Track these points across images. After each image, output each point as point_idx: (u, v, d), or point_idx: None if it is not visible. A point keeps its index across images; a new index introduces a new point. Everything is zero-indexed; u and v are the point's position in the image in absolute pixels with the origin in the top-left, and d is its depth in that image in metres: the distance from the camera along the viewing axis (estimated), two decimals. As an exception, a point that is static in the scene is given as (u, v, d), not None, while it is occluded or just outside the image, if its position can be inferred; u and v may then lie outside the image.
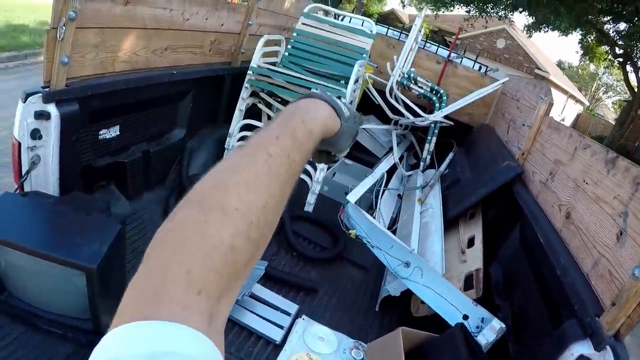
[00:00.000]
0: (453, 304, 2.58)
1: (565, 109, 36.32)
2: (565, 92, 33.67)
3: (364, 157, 5.10)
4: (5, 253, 2.00)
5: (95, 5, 2.41)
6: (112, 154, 2.99)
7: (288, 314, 2.64)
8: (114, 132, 2.92)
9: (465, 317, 2.52)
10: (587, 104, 47.44)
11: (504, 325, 2.39)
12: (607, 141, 19.83)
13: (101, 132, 2.83)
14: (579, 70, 54.11)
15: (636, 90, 18.93)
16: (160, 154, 3.41)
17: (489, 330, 2.39)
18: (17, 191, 2.32)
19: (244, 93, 3.78)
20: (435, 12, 20.82)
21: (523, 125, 3.76)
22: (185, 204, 0.56)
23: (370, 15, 33.30)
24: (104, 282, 1.98)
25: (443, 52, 6.14)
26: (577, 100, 39.84)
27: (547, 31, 18.50)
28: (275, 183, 0.62)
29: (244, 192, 0.57)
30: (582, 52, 22.21)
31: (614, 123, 24.99)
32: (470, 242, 3.23)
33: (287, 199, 0.65)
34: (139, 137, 3.24)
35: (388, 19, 33.95)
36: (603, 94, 55.88)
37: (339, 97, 0.99)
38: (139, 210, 3.16)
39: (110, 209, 2.40)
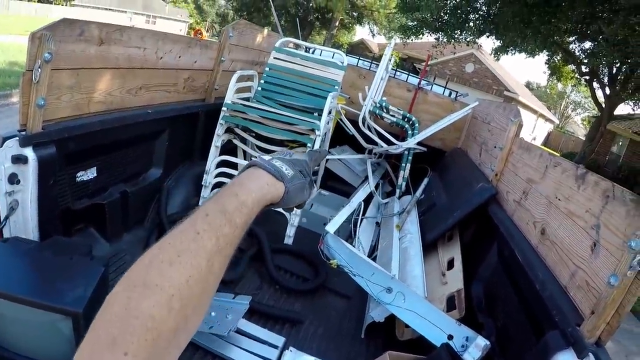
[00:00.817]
0: (437, 325, 2.60)
1: (536, 128, 37.06)
2: (534, 111, 34.41)
3: (340, 187, 5.15)
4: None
5: (70, 47, 2.42)
6: (90, 196, 2.97)
7: (275, 346, 2.64)
8: (91, 173, 2.92)
9: (450, 337, 2.55)
10: (557, 122, 48.42)
11: (488, 342, 2.42)
12: (578, 157, 20.28)
13: (79, 174, 2.82)
14: (548, 90, 55.39)
15: (604, 106, 19.39)
16: (138, 194, 3.40)
17: (474, 348, 2.42)
18: (-4, 238, 2.30)
19: (219, 129, 3.81)
20: (404, 40, 21.15)
21: (495, 147, 3.84)
22: (119, 282, 0.62)
23: (340, 46, 33.82)
24: (89, 325, 1.96)
25: (413, 79, 6.27)
26: (547, 119, 40.69)
27: (515, 53, 18.87)
28: (202, 258, 0.65)
29: (167, 268, 0.62)
30: (549, 72, 22.70)
31: (584, 139, 25.51)
32: (450, 264, 3.27)
33: (221, 269, 0.69)
34: (117, 178, 3.24)
35: (358, 48, 34.48)
36: (572, 111, 57.21)
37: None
38: (120, 251, 3.14)
39: (92, 252, 2.39)
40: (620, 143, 21.70)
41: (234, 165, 3.96)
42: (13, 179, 2.25)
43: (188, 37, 3.55)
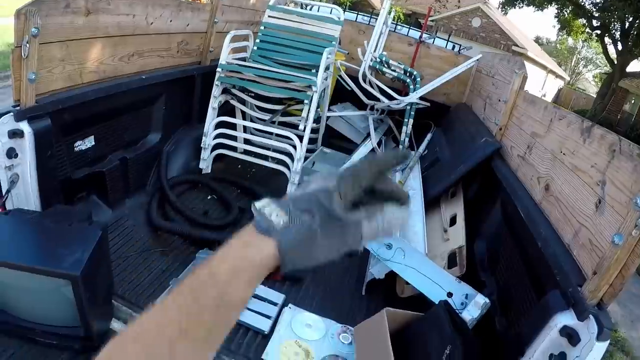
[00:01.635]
0: (437, 283, 2.60)
1: (545, 85, 36.46)
2: (544, 67, 33.78)
3: (342, 145, 5.12)
4: (-4, 273, 2.02)
5: (57, 20, 2.42)
6: (89, 165, 3.00)
7: (275, 304, 2.67)
8: (89, 142, 2.94)
9: (450, 294, 2.55)
10: (568, 78, 47.68)
11: (487, 300, 2.41)
12: (589, 115, 19.96)
13: (76, 144, 2.84)
14: (557, 45, 54.33)
15: (615, 62, 19.00)
16: (137, 160, 3.42)
17: (473, 306, 2.41)
18: (0, 211, 2.32)
19: (215, 91, 3.79)
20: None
21: (499, 100, 3.78)
22: None
23: (342, 4, 33.22)
24: (90, 288, 2.00)
25: (415, 34, 6.16)
26: (558, 76, 40.00)
27: (522, 7, 18.56)
28: (161, 344, 0.59)
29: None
30: (559, 26, 22.23)
31: (595, 96, 25.09)
32: (453, 221, 3.26)
33: (188, 355, 0.60)
34: (115, 145, 3.25)
35: (360, 5, 33.89)
36: (583, 67, 56.15)
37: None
38: (122, 217, 3.17)
39: (92, 218, 2.41)
40: (633, 101, 21.11)
41: (233, 126, 3.94)
42: (11, 153, 2.29)
43: (177, 0, 3.48)
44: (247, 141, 4.22)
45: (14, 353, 2.11)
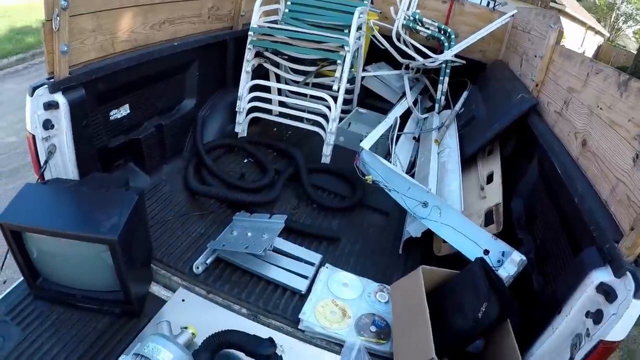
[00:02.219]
0: (473, 240, 2.59)
1: (584, 42, 35.26)
2: (583, 24, 32.56)
3: (378, 104, 5.08)
4: (36, 241, 2.08)
5: (87, -11, 2.45)
6: (125, 133, 3.06)
7: (312, 264, 2.70)
8: (124, 111, 2.99)
9: (486, 252, 2.53)
10: (607, 35, 46.04)
11: (524, 258, 2.40)
12: (630, 71, 19.26)
13: (112, 113, 2.90)
14: (597, 1, 52.43)
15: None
16: (173, 126, 3.46)
17: (510, 263, 2.41)
18: (39, 181, 2.40)
19: (248, 54, 3.78)
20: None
21: (535, 56, 3.68)
22: None
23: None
24: (129, 252, 2.05)
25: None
26: (597, 32, 38.55)
27: (559, -39, 17.78)
28: None
29: None
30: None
31: (635, 53, 24.16)
32: (489, 179, 3.23)
33: None
34: (150, 113, 3.29)
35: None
36: (623, 23, 54.11)
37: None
38: (160, 183, 3.23)
39: (129, 184, 2.46)
40: None
41: (267, 89, 3.94)
42: (47, 125, 2.35)
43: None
44: (281, 104, 4.22)
45: (58, 318, 2.18)
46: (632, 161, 1.87)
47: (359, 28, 4.03)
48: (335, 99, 3.69)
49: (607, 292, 1.65)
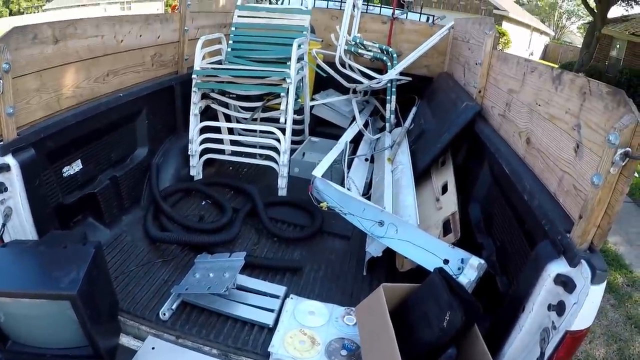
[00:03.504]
0: (431, 252, 2.63)
1: (531, 43, 36.33)
2: (528, 26, 33.75)
3: (330, 131, 5.13)
4: (1, 305, 2.07)
5: (27, 52, 2.48)
6: (80, 188, 3.05)
7: (277, 296, 2.72)
8: (76, 166, 2.99)
9: (446, 261, 2.58)
10: (553, 33, 47.49)
11: (482, 261, 2.45)
12: (577, 65, 19.83)
13: (64, 170, 2.89)
14: (537, 3, 54.08)
15: (596, 10, 18.88)
16: (128, 177, 3.47)
17: (470, 269, 2.45)
18: (-2, 244, 2.38)
19: (194, 97, 3.83)
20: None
21: (476, 64, 3.80)
22: None
23: (321, -9, 32.98)
24: (91, 305, 2.05)
25: (388, 11, 6.17)
26: (542, 32, 39.94)
27: (498, -32, 18.39)
28: None
29: None
30: (536, -17, 21.98)
31: (581, 47, 24.92)
32: (444, 189, 3.29)
33: None
34: (104, 165, 3.30)
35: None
36: (566, 20, 55.99)
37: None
38: (121, 234, 3.23)
39: (87, 238, 2.46)
40: (618, 46, 20.89)
41: (217, 130, 3.98)
42: (1, 188, 2.34)
43: (144, 15, 3.52)
44: (234, 142, 4.26)
45: None
46: (574, 151, 1.95)
47: (301, 59, 4.11)
48: (283, 130, 3.75)
49: (565, 283, 1.70)
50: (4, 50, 2.23)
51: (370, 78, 5.05)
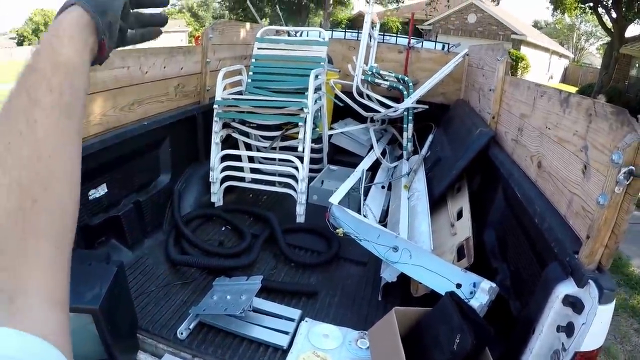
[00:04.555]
0: (444, 276, 2.66)
1: (551, 66, 36.29)
2: (546, 49, 33.73)
3: (348, 160, 5.22)
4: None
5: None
6: (105, 211, 3.16)
7: (292, 319, 2.77)
8: (102, 190, 3.10)
9: (458, 285, 2.61)
10: (572, 55, 47.38)
11: (493, 285, 2.47)
12: (597, 87, 19.75)
13: (90, 193, 3.01)
14: (555, 26, 54.19)
15: (613, 30, 18.87)
16: (151, 202, 3.59)
17: (481, 293, 2.48)
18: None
19: (216, 127, 3.95)
20: (398, 4, 20.91)
21: (489, 90, 3.87)
22: None
23: (339, 23, 33.53)
24: (112, 321, 2.13)
25: (403, 40, 6.29)
26: (561, 55, 39.84)
27: (514, -7, 18.52)
28: (15, 119, 0.58)
29: None
30: (552, 6, 22.04)
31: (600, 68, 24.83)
32: (459, 215, 3.33)
33: (49, 120, 0.61)
34: (128, 190, 3.42)
35: (358, 22, 34.11)
36: (585, 42, 55.96)
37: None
38: (142, 256, 3.32)
39: (110, 257, 2.55)
40: (638, 65, 20.84)
41: (237, 158, 4.10)
42: None
43: (168, 47, 3.67)
44: (254, 170, 4.38)
45: None
46: (582, 173, 1.96)
47: (318, 89, 4.23)
48: (301, 159, 3.85)
49: (574, 304, 1.70)
50: None
51: (388, 107, 5.14)
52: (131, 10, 0.88)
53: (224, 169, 4.02)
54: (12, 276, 0.50)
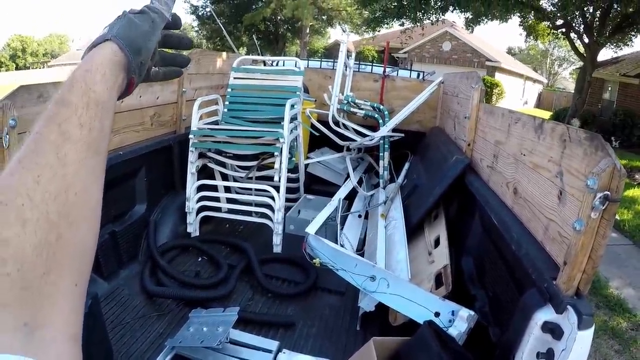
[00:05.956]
0: (423, 305, 2.65)
1: (525, 92, 36.99)
2: (520, 75, 34.41)
3: (325, 189, 5.23)
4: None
5: (32, 109, 2.55)
6: None
7: (269, 351, 2.74)
8: (77, 220, 3.05)
9: (437, 314, 2.59)
10: (546, 81, 48.34)
11: (472, 313, 2.47)
12: (570, 111, 20.09)
13: None
14: (529, 52, 55.37)
15: (585, 55, 19.27)
16: (126, 232, 3.55)
17: (460, 321, 2.47)
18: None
19: (191, 156, 3.95)
20: (373, 32, 21.19)
21: (465, 117, 3.90)
22: None
23: (315, 52, 33.88)
24: (87, 353, 2.07)
25: (379, 69, 6.36)
26: (535, 80, 40.66)
27: (487, 22, 18.82)
28: (47, 152, 0.58)
29: (7, 178, 0.55)
30: (525, 33, 22.42)
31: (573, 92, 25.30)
32: (437, 242, 3.34)
33: (78, 155, 0.61)
34: (104, 220, 3.28)
35: (334, 50, 34.49)
36: (558, 67, 57.18)
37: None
38: (118, 287, 3.27)
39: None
40: (610, 88, 21.36)
41: (213, 188, 4.09)
42: None
43: (144, 76, 3.64)
44: (231, 200, 4.36)
45: None
46: (557, 198, 1.97)
47: (294, 118, 4.25)
48: (277, 189, 3.85)
49: (553, 330, 1.70)
50: (10, 107, 2.32)
51: (364, 135, 5.16)
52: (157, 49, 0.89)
53: (200, 199, 4.01)
54: (34, 311, 0.49)
